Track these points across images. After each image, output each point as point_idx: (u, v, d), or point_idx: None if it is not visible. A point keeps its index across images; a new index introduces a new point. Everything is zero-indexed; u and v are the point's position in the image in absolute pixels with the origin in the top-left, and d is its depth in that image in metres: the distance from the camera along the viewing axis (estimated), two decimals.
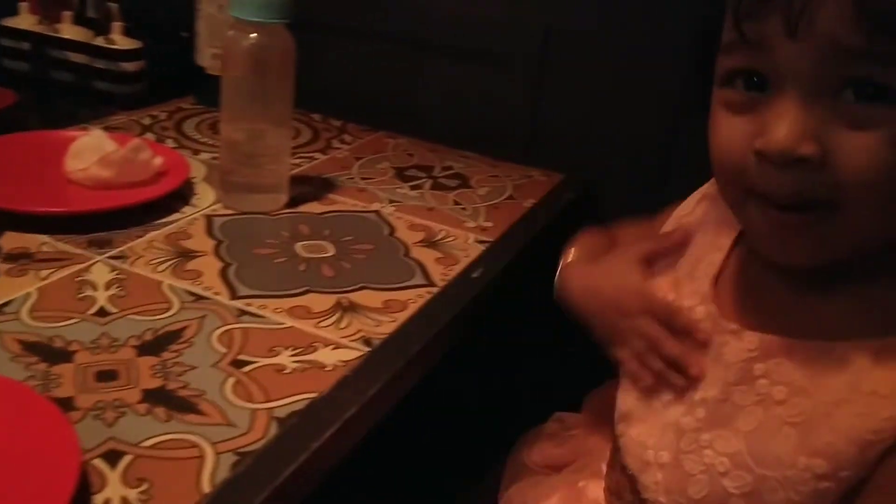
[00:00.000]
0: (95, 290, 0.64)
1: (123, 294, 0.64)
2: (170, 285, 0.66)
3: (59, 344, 0.57)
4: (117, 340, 0.58)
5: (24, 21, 1.08)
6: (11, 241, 0.69)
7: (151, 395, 0.53)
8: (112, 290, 0.64)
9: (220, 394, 0.54)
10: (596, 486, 0.66)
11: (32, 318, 0.59)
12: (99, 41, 1.04)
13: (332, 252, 0.74)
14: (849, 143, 0.45)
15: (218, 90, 0.78)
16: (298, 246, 0.74)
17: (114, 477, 0.47)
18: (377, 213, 0.83)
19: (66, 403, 0.51)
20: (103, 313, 0.61)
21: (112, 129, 0.93)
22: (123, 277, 0.66)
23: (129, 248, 0.70)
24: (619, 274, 0.64)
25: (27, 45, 1.06)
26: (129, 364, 0.56)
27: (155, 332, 0.60)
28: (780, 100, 0.46)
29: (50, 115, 1.02)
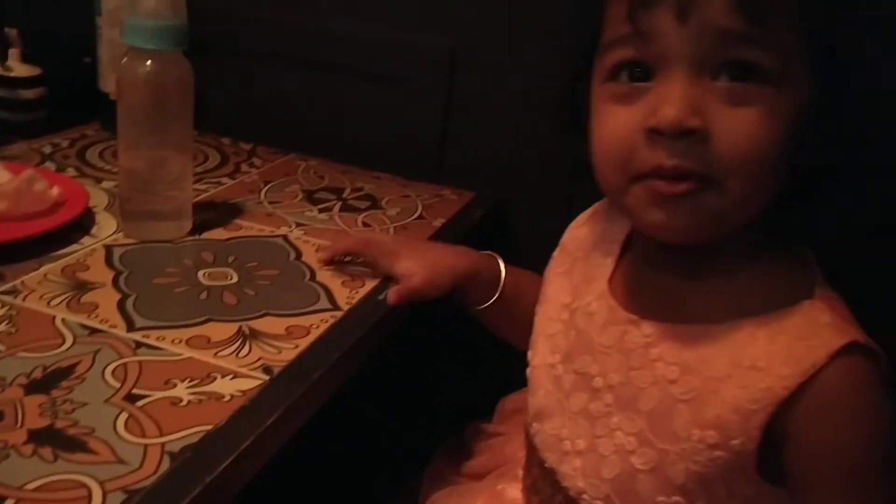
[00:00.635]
0: None
1: (13, 330, 0.62)
2: (63, 319, 0.64)
3: None
4: (4, 380, 0.56)
5: None
6: None
7: (38, 435, 0.52)
8: (1, 327, 0.62)
9: (111, 430, 0.53)
10: (514, 489, 0.70)
11: None
12: None
13: (235, 279, 0.73)
14: (728, 119, 0.51)
15: None
16: (201, 274, 0.73)
17: None
18: (284, 237, 0.83)
19: None
20: None
21: (9, 158, 0.91)
22: (14, 313, 0.64)
23: (22, 283, 0.68)
24: None
25: None
26: (16, 403, 0.54)
27: (45, 368, 0.58)
28: (666, 82, 0.52)
29: None
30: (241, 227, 0.84)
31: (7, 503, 0.46)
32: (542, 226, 0.76)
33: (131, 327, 0.64)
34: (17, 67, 1.01)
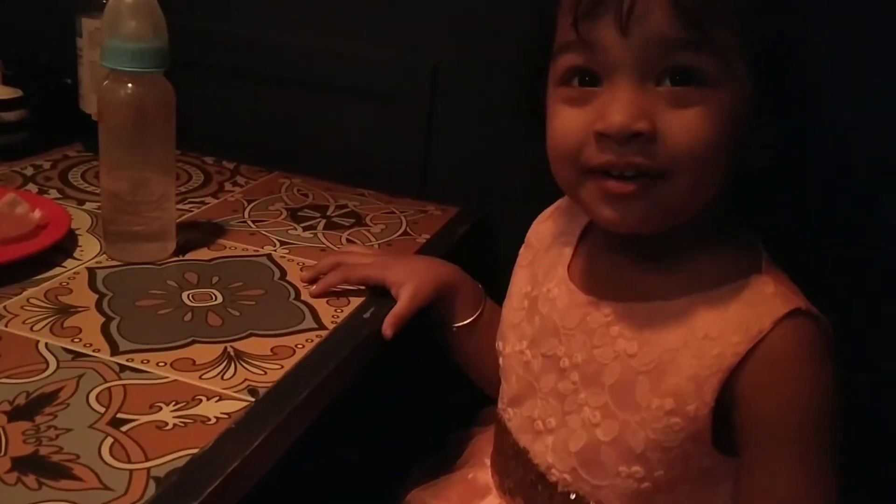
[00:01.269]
0: None
1: None
2: (46, 344, 0.64)
3: None
4: None
5: None
6: None
7: (22, 463, 0.51)
8: None
9: (96, 456, 0.52)
10: (484, 474, 0.73)
11: None
12: None
13: (219, 300, 0.73)
14: (672, 120, 0.54)
15: None
16: (185, 295, 0.73)
17: None
18: (268, 256, 0.83)
19: None
20: None
21: None
22: None
23: (4, 308, 0.68)
24: None
25: None
26: None
27: (28, 394, 0.58)
28: (613, 89, 0.55)
29: None
30: (225, 247, 0.84)
31: None
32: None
33: (115, 351, 0.64)
34: None
